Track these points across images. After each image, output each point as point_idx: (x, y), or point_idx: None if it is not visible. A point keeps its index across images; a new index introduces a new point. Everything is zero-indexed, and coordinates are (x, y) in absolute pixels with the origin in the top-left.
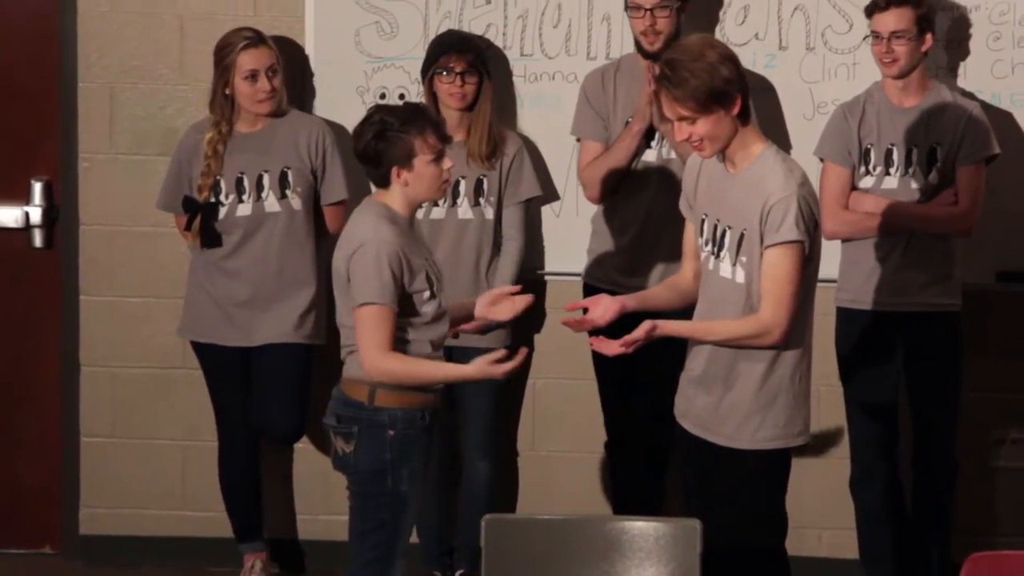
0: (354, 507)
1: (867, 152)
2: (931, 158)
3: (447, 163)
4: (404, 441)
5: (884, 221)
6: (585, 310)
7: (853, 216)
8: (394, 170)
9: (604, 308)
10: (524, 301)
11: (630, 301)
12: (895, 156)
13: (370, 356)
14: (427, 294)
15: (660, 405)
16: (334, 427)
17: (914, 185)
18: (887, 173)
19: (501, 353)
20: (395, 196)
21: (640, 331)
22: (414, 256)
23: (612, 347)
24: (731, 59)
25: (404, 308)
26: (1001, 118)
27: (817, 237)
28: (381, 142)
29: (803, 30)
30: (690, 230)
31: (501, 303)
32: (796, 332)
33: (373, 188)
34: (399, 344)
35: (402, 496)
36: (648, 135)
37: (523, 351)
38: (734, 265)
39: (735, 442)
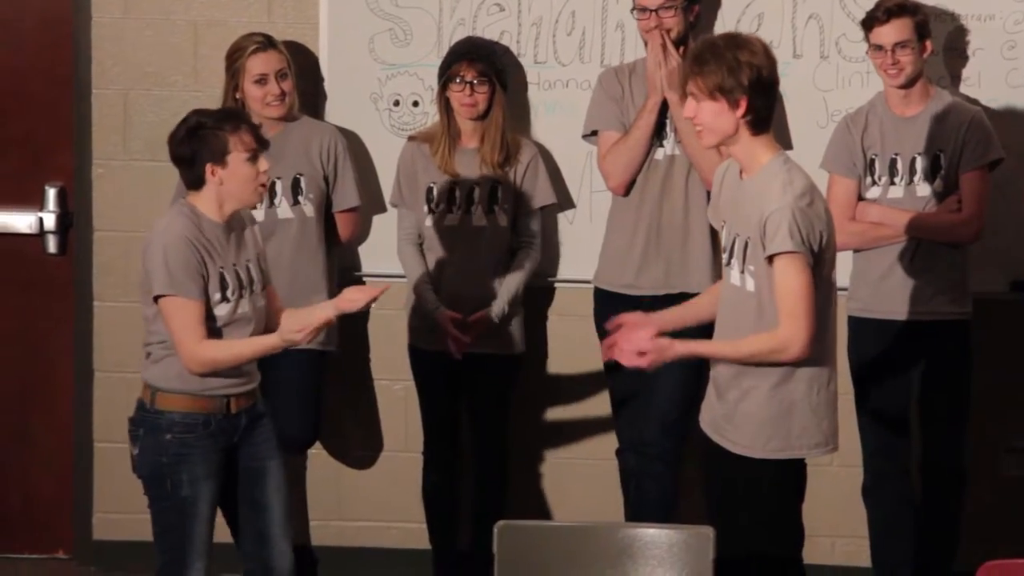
0: (149, 509)
1: (871, 162)
2: (935, 166)
3: (263, 164)
4: (183, 446)
5: (889, 230)
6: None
7: (859, 227)
8: (208, 167)
9: (637, 339)
10: (379, 290)
11: (668, 323)
12: (899, 165)
13: (183, 351)
14: (217, 296)
15: (671, 412)
16: (129, 429)
17: (920, 193)
18: (892, 183)
19: (318, 320)
20: (206, 198)
21: (656, 352)
22: (212, 257)
23: (630, 359)
24: (757, 67)
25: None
26: (1016, 126)
27: (823, 252)
28: (195, 140)
29: (817, 38)
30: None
31: (354, 294)
32: (814, 344)
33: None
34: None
35: (183, 501)
36: (659, 132)
37: (326, 318)
38: (742, 273)
39: (747, 450)
